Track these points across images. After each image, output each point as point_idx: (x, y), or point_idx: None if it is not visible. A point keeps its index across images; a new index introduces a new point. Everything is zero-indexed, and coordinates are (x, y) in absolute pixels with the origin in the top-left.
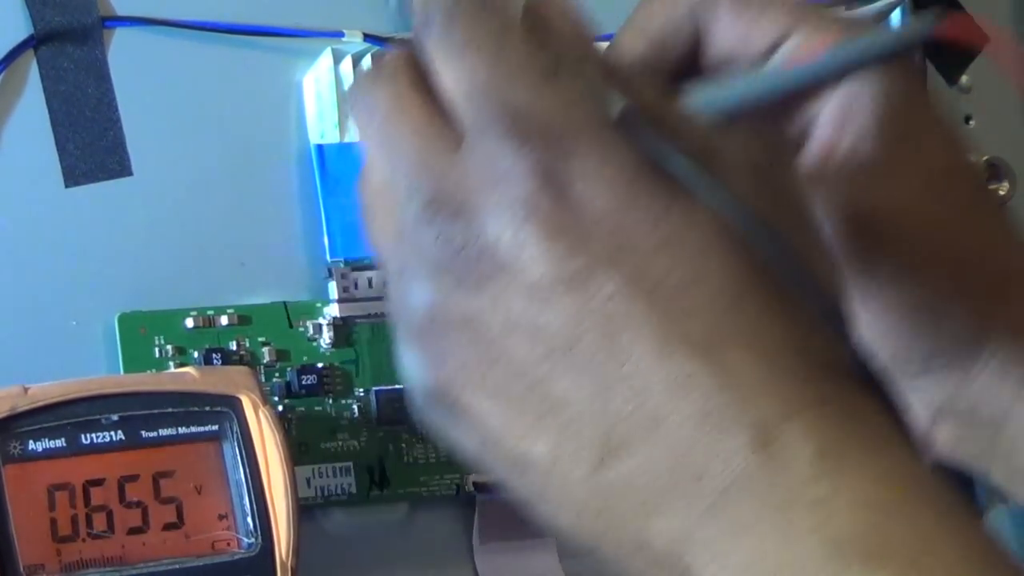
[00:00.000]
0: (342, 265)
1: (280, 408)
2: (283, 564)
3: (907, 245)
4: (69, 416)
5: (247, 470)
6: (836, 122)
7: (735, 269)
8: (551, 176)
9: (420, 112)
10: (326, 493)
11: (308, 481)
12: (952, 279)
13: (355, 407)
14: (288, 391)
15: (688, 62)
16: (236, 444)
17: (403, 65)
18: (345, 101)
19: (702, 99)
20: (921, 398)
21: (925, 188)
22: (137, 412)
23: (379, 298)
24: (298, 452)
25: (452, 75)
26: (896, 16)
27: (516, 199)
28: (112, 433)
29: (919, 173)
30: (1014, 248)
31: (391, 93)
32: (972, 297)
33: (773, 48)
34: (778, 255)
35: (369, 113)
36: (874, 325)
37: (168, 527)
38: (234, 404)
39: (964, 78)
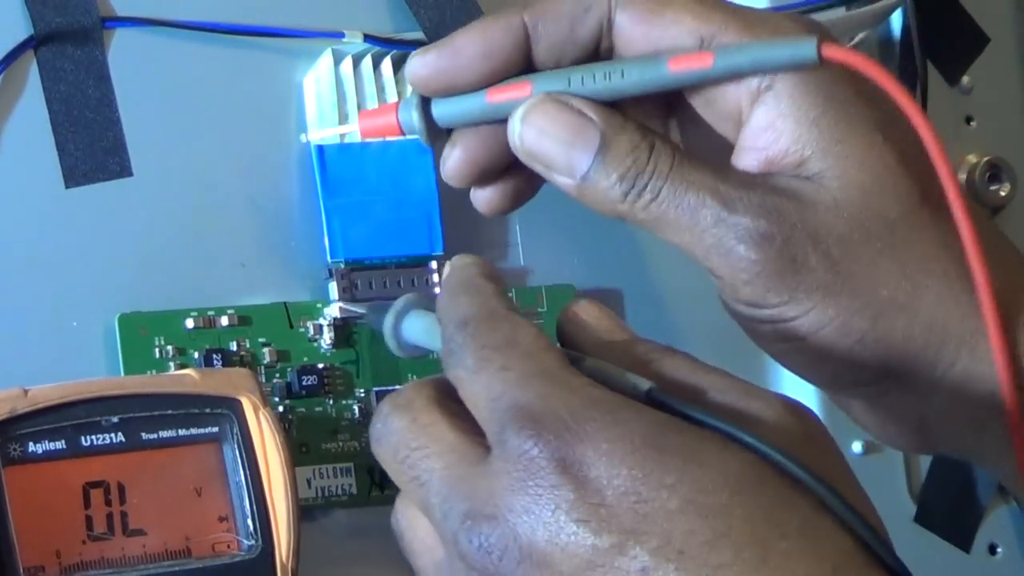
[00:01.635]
0: (342, 266)
1: (280, 409)
2: (283, 566)
3: (842, 252)
4: (69, 418)
5: (247, 472)
6: (763, 133)
7: (756, 518)
8: (570, 466)
9: (439, 432)
10: (326, 494)
11: (308, 482)
12: (890, 289)
13: (356, 407)
14: (288, 392)
15: (593, 48)
16: (236, 446)
17: (413, 392)
18: (345, 101)
19: (592, 84)
20: (896, 413)
21: (860, 195)
22: (137, 414)
23: (379, 298)
24: (298, 453)
25: (472, 391)
26: (896, 16)
27: (541, 495)
28: (112, 435)
29: (851, 178)
30: (957, 248)
31: (408, 423)
32: (914, 307)
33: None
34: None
35: (394, 447)
36: (815, 359)
37: (168, 529)
38: (234, 406)
39: (965, 78)
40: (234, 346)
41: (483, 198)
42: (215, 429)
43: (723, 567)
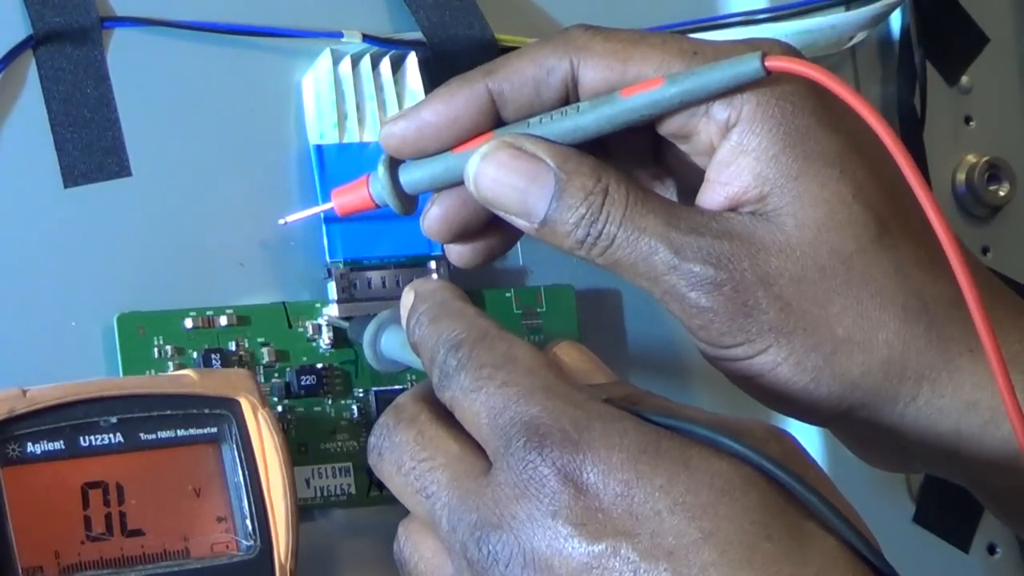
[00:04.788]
0: (341, 266)
1: (279, 409)
2: (282, 567)
3: (795, 292)
4: (68, 418)
5: (246, 473)
6: (727, 168)
7: (742, 519)
8: (570, 474)
9: (445, 445)
10: (325, 494)
11: (307, 482)
12: (846, 327)
13: (354, 408)
14: (287, 392)
15: (561, 106)
16: (235, 446)
17: (416, 407)
18: (344, 101)
19: (551, 123)
20: (871, 440)
21: (814, 233)
22: (136, 414)
23: (378, 298)
24: (297, 453)
25: (471, 410)
26: (896, 16)
27: (543, 501)
28: (111, 435)
29: (806, 215)
30: (917, 277)
31: (414, 435)
32: (871, 343)
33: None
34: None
35: (398, 460)
36: (776, 396)
37: (166, 530)
38: (233, 407)
39: (964, 78)
40: (233, 346)
41: (456, 252)
42: (214, 429)
43: (709, 567)
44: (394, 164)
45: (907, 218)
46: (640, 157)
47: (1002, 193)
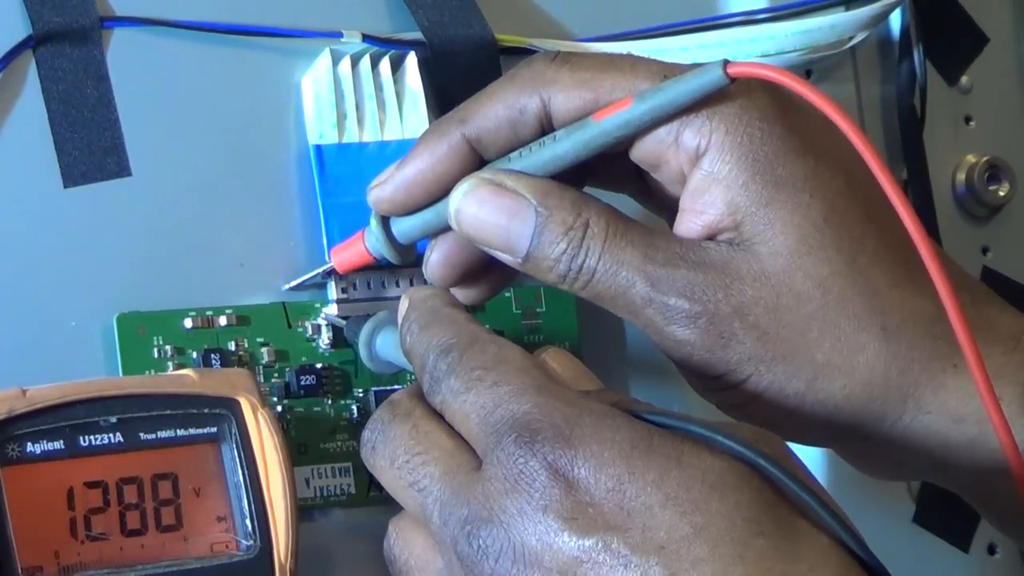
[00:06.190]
0: None
1: (279, 409)
2: (282, 567)
3: (771, 321)
4: (67, 418)
5: (246, 472)
6: (700, 197)
7: (734, 515)
8: (560, 468)
9: (439, 440)
10: (325, 493)
11: (307, 481)
12: (825, 351)
13: (354, 407)
14: (287, 391)
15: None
16: (235, 446)
17: (412, 403)
18: (343, 101)
19: (530, 155)
20: (866, 455)
21: (787, 259)
22: (136, 414)
23: (377, 298)
24: (297, 452)
25: (461, 412)
26: (896, 16)
27: (533, 496)
28: (110, 435)
29: (779, 242)
30: (896, 294)
31: (409, 429)
32: (850, 366)
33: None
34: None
35: (392, 454)
36: (762, 422)
37: (166, 529)
38: (233, 406)
39: (964, 78)
40: (232, 346)
41: (464, 294)
42: (213, 429)
43: (701, 562)
44: (386, 216)
45: (884, 233)
46: (625, 178)
47: (1002, 193)
